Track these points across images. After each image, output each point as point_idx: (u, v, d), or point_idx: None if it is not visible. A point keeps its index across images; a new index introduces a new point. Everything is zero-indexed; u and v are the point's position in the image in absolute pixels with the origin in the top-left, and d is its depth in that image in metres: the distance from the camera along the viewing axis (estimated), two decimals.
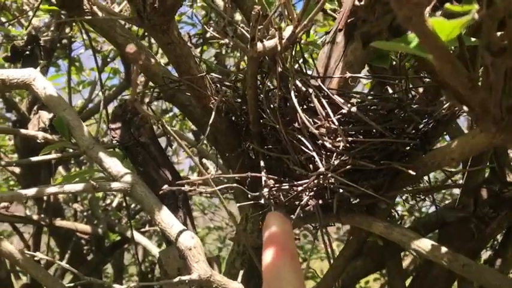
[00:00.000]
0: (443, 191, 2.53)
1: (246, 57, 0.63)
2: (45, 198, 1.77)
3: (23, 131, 0.90)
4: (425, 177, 0.71)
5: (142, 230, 2.38)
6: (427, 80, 0.79)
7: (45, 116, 1.23)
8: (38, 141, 0.98)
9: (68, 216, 2.32)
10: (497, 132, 0.41)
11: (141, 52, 0.77)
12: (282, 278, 0.36)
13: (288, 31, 0.57)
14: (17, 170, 1.80)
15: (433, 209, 1.64)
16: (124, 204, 2.23)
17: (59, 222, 1.74)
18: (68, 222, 1.88)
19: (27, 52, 1.23)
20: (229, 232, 3.12)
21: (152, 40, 1.98)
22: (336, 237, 2.60)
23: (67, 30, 1.70)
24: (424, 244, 0.52)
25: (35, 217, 1.72)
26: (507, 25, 0.33)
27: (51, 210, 1.74)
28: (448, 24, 0.35)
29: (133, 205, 2.23)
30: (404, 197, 0.83)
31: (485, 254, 1.01)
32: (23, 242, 2.00)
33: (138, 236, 1.96)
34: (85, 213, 2.25)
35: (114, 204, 2.31)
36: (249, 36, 0.57)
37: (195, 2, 1.87)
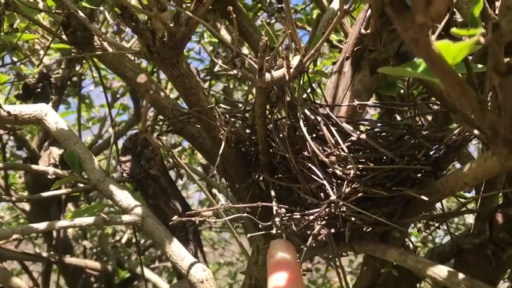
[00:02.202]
0: (456, 220, 2.50)
1: (254, 89, 0.63)
2: (54, 234, 1.77)
3: (34, 166, 0.91)
4: (439, 205, 0.70)
5: (152, 266, 2.36)
6: (436, 107, 0.80)
7: (56, 152, 1.25)
8: (49, 176, 0.99)
9: (77, 253, 2.31)
10: (509, 153, 0.41)
11: (152, 83, 0.78)
12: None
13: (295, 61, 0.58)
14: (27, 207, 1.81)
15: (446, 239, 1.61)
16: (133, 240, 2.22)
17: (68, 259, 1.73)
18: (78, 259, 1.87)
19: (39, 90, 1.25)
20: (240, 267, 3.07)
21: (161, 76, 2.02)
22: (349, 270, 2.56)
23: (77, 68, 1.74)
24: (440, 270, 0.50)
25: (45, 254, 1.71)
26: None
27: (60, 247, 1.74)
28: (453, 47, 0.35)
29: (142, 241, 2.22)
30: (418, 226, 0.81)
31: (503, 286, 0.98)
32: (32, 281, 1.99)
33: (148, 273, 1.94)
34: (94, 250, 2.24)
35: (124, 240, 2.30)
36: (256, 67, 0.57)
37: (202, 37, 1.92)
